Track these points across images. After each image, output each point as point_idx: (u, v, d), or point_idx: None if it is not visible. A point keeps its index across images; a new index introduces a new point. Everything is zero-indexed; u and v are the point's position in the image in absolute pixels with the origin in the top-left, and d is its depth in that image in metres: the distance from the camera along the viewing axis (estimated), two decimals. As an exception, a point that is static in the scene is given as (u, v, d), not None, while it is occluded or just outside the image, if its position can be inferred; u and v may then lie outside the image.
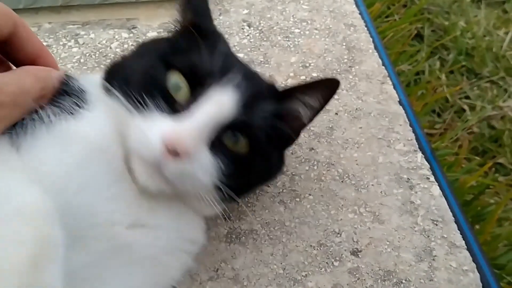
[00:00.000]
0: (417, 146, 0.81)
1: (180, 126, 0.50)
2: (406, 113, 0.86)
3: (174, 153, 0.48)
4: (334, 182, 0.75)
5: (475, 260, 0.68)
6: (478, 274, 0.66)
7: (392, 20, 1.79)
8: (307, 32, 1.00)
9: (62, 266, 0.40)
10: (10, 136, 0.47)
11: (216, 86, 0.52)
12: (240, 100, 0.53)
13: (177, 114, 0.51)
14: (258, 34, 0.99)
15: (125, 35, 0.97)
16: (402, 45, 1.69)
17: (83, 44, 0.94)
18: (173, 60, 0.54)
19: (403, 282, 0.65)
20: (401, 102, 0.88)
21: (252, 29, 1.00)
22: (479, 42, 1.85)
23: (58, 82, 0.51)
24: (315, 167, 0.77)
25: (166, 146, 0.48)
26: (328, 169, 0.77)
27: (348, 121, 0.84)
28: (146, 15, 1.00)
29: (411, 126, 0.84)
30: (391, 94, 0.89)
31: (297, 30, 1.00)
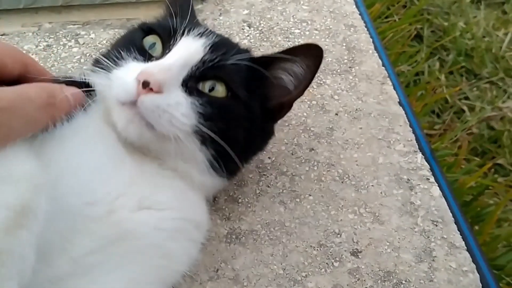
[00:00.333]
0: (417, 146, 0.81)
1: (152, 64, 0.55)
2: (406, 113, 0.86)
3: (147, 86, 0.51)
4: (334, 183, 0.76)
5: (475, 260, 0.68)
6: (477, 275, 0.67)
7: (391, 20, 1.80)
8: (307, 32, 1.00)
9: (37, 237, 0.41)
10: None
11: (184, 37, 0.59)
12: (207, 44, 0.58)
13: (152, 60, 0.57)
14: (258, 35, 0.99)
15: (125, 35, 0.97)
16: (401, 45, 1.69)
17: (84, 44, 0.94)
18: (149, 25, 0.62)
19: (403, 282, 0.65)
20: (401, 103, 0.88)
21: (252, 29, 1.00)
22: (479, 43, 1.85)
23: (73, 95, 0.52)
24: (315, 168, 0.77)
25: (138, 80, 0.51)
26: (328, 169, 0.77)
27: (348, 121, 0.84)
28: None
29: (411, 126, 0.84)
30: (391, 95, 0.89)
31: (297, 31, 1.01)
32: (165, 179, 0.57)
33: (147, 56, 0.58)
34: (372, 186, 0.75)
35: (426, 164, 0.79)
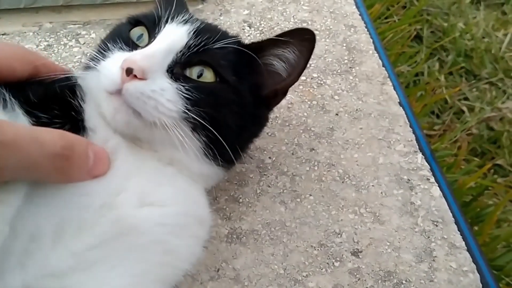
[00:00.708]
0: (417, 147, 0.81)
1: (135, 52, 0.56)
2: (406, 114, 0.87)
3: (131, 73, 0.52)
4: (335, 183, 0.76)
5: (474, 261, 0.68)
6: (478, 275, 0.67)
7: (391, 21, 1.80)
8: (308, 33, 1.00)
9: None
10: None
11: (168, 24, 0.59)
12: (191, 29, 0.58)
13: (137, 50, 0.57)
14: (258, 35, 0.99)
15: (126, 35, 0.97)
16: (401, 46, 1.70)
17: (84, 43, 0.94)
18: (136, 17, 0.63)
19: (404, 282, 0.65)
20: (401, 103, 0.88)
21: (252, 29, 1.00)
22: (478, 44, 1.86)
23: (97, 155, 0.50)
24: (316, 168, 0.77)
25: (122, 68, 0.52)
26: (328, 169, 0.77)
27: (348, 122, 0.84)
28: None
29: (411, 127, 0.84)
30: (391, 95, 0.89)
31: (297, 31, 1.01)
32: (165, 175, 0.57)
33: (133, 45, 0.58)
34: (372, 186, 0.76)
35: (426, 164, 0.79)
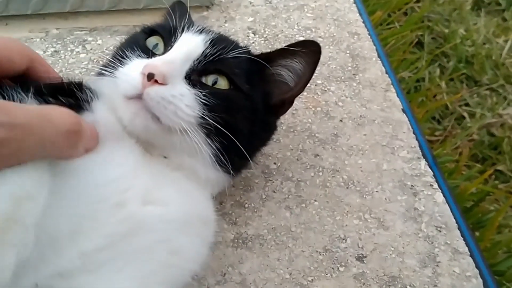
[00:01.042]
0: (420, 153, 0.82)
1: (155, 58, 0.58)
2: (409, 120, 0.88)
3: (152, 78, 0.53)
4: (339, 189, 0.77)
5: (477, 266, 0.69)
6: (481, 280, 0.67)
7: (393, 27, 1.81)
8: (312, 39, 1.01)
9: (41, 210, 0.42)
10: None
11: (185, 33, 0.61)
12: (208, 39, 0.61)
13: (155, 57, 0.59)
14: (263, 42, 1.00)
15: (132, 42, 0.98)
16: (403, 52, 1.71)
17: (91, 50, 0.96)
18: (151, 27, 0.65)
19: (408, 287, 0.66)
20: (404, 110, 0.89)
21: (257, 36, 1.01)
22: (479, 50, 1.87)
23: (90, 130, 0.50)
24: (320, 174, 0.78)
25: (143, 74, 0.54)
26: (333, 175, 0.78)
27: (352, 128, 0.85)
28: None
29: (414, 133, 0.85)
30: (395, 102, 0.90)
31: (301, 38, 1.02)
32: (171, 178, 0.58)
33: (151, 54, 0.60)
34: (376, 192, 0.76)
35: (430, 170, 0.80)
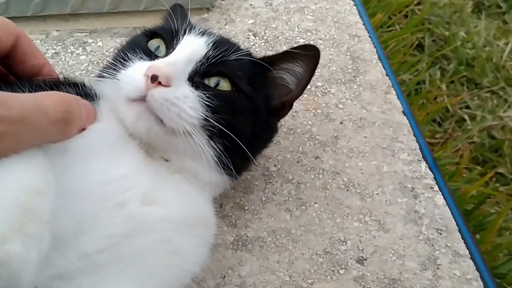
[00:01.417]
0: (421, 155, 0.82)
1: (158, 60, 0.58)
2: (409, 123, 0.87)
3: (156, 80, 0.53)
4: (339, 191, 0.76)
5: (477, 269, 0.69)
6: (481, 283, 0.67)
7: (393, 30, 1.81)
8: (312, 42, 1.01)
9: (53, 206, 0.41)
10: None
11: (187, 36, 0.62)
12: (210, 41, 0.61)
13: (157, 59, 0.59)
14: (263, 44, 1.00)
15: (132, 43, 0.98)
16: (403, 55, 1.71)
17: (91, 52, 0.96)
18: (152, 30, 0.66)
19: (408, 290, 0.66)
20: (404, 112, 0.89)
21: (257, 38, 1.01)
22: (479, 53, 1.87)
23: (86, 110, 0.50)
24: (321, 176, 0.78)
25: (147, 76, 0.54)
26: (333, 177, 0.78)
27: (352, 130, 0.85)
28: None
29: (415, 136, 0.85)
30: (395, 104, 0.90)
31: (301, 40, 1.02)
32: (171, 180, 0.58)
33: (153, 56, 0.61)
34: (377, 194, 0.76)
35: (430, 173, 0.80)
